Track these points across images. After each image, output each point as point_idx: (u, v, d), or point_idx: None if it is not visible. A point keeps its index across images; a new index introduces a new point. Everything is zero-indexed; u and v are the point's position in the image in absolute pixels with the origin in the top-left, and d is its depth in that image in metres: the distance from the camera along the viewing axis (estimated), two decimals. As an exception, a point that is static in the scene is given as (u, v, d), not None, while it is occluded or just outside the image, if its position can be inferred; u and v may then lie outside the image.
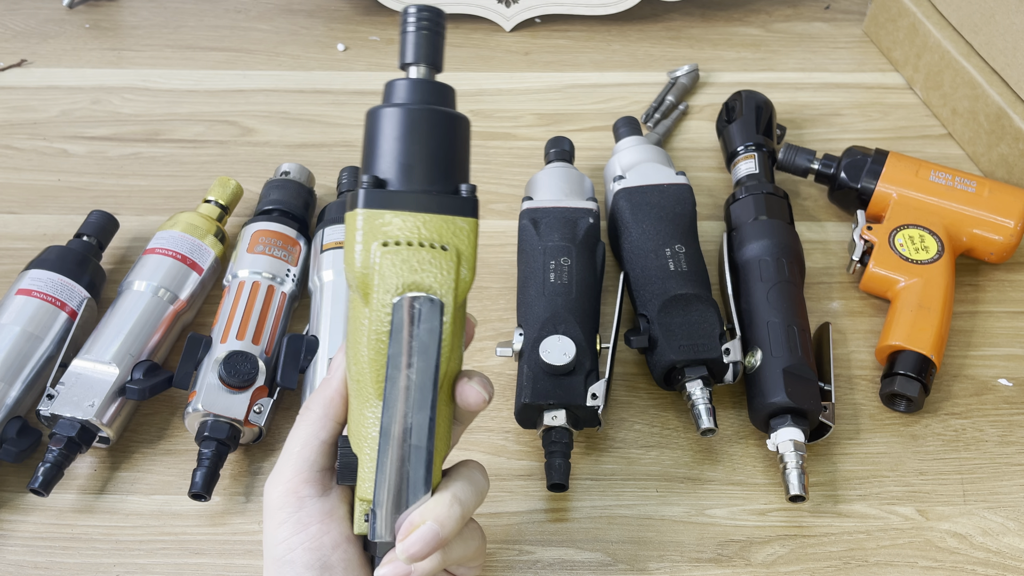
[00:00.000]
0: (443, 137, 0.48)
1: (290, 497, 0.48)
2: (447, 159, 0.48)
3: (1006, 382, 0.71)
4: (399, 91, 0.48)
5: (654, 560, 0.61)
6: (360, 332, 0.47)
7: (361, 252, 0.46)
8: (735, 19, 1.03)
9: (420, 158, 0.47)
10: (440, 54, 0.49)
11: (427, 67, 0.49)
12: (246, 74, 0.96)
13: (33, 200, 0.83)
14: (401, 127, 0.47)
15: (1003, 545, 0.62)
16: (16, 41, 0.99)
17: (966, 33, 0.87)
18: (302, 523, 0.48)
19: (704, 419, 0.63)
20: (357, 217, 0.46)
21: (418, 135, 0.47)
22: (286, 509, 0.48)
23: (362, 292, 0.46)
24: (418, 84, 0.48)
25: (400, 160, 0.47)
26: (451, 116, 0.49)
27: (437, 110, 0.48)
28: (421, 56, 0.48)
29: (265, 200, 0.77)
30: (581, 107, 0.93)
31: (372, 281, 0.46)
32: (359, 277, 0.46)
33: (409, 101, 0.48)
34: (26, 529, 0.63)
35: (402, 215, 0.46)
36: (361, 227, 0.46)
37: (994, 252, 0.75)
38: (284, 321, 0.71)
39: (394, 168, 0.47)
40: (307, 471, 0.48)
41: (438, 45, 0.49)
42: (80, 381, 0.64)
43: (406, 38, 0.49)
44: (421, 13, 0.48)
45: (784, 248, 0.71)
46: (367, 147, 0.48)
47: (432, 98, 0.48)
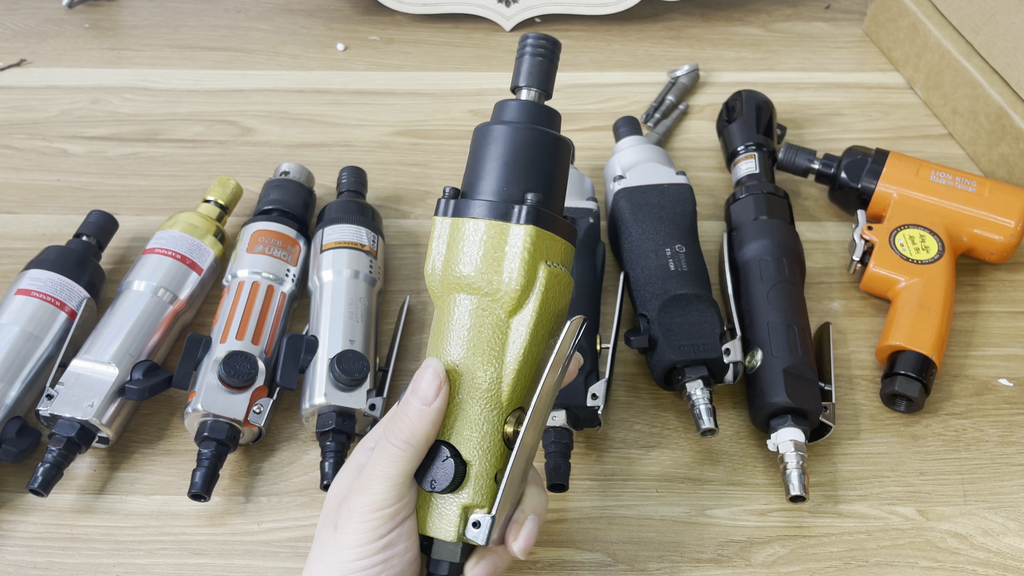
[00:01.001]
0: (521, 150, 0.51)
1: (378, 512, 0.48)
2: (516, 172, 0.51)
3: (1006, 382, 0.71)
4: (498, 111, 0.52)
5: (654, 560, 0.61)
6: (501, 343, 0.49)
7: (527, 270, 0.49)
8: (735, 19, 1.03)
9: (490, 169, 0.50)
10: (551, 81, 0.53)
11: (534, 90, 0.53)
12: (246, 74, 0.96)
13: (32, 200, 0.83)
14: (482, 142, 0.51)
15: (1003, 545, 0.62)
16: (15, 41, 0.99)
17: (966, 33, 0.87)
18: (390, 544, 0.48)
19: (704, 419, 0.63)
20: (523, 233, 0.49)
21: (495, 148, 0.51)
22: (377, 530, 0.48)
23: (514, 306, 0.49)
24: (519, 105, 0.52)
25: (473, 172, 0.51)
26: (539, 132, 0.51)
27: (520, 125, 0.51)
28: (531, 81, 0.52)
29: (265, 200, 0.77)
30: (581, 107, 0.93)
31: (532, 298, 0.49)
32: (516, 292, 0.49)
33: (510, 119, 0.52)
34: (26, 529, 0.63)
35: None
36: (529, 245, 0.49)
37: (994, 252, 0.75)
38: (284, 321, 0.71)
39: (469, 179, 0.51)
40: (395, 489, 0.48)
41: (550, 72, 0.53)
42: (79, 381, 0.64)
43: (521, 62, 0.53)
44: (539, 41, 0.53)
45: (784, 248, 0.71)
46: (510, 162, 0.50)
47: (535, 119, 0.52)
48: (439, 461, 0.48)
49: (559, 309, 0.51)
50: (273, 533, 0.63)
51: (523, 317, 0.49)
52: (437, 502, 0.49)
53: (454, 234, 0.50)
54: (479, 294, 0.49)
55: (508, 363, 0.49)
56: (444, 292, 0.50)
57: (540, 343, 0.50)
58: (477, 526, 0.49)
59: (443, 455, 0.48)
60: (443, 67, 0.97)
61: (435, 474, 0.48)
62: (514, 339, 0.49)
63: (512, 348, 0.49)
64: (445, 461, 0.48)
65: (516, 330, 0.49)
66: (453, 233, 0.50)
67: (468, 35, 1.00)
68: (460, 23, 1.01)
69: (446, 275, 0.50)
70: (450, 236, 0.50)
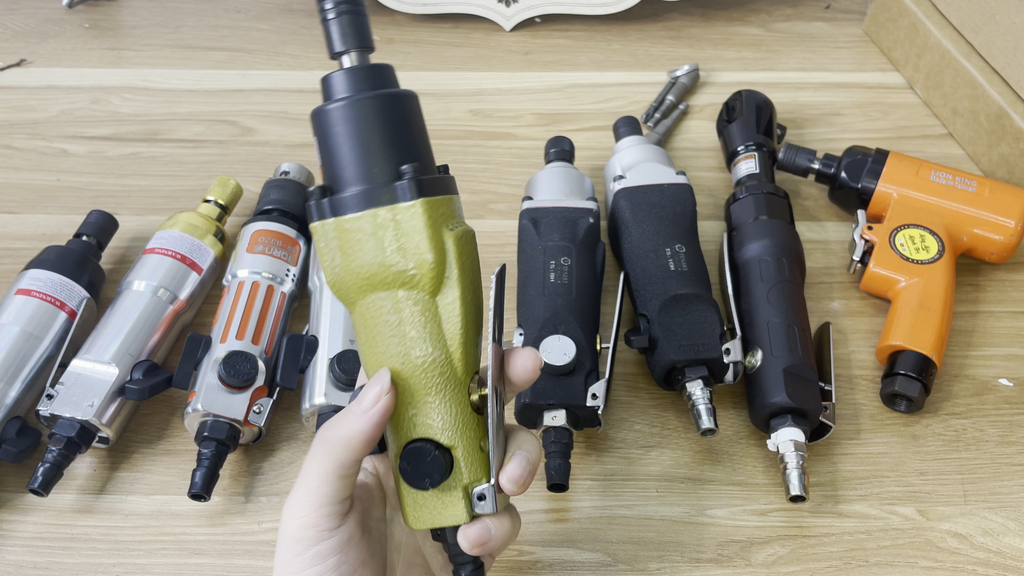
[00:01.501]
0: (368, 124, 0.47)
1: (309, 531, 0.47)
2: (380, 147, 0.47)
3: (1007, 382, 0.71)
4: (328, 87, 0.47)
5: (654, 560, 0.61)
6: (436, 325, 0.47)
7: (434, 244, 0.46)
8: (735, 19, 1.03)
9: (350, 155, 0.47)
10: (368, 34, 0.48)
11: (359, 52, 0.48)
12: (246, 74, 0.96)
13: (32, 200, 0.83)
14: (325, 128, 0.47)
15: (1004, 545, 0.62)
16: (15, 41, 0.99)
17: (967, 33, 0.87)
18: (321, 555, 0.47)
19: (704, 419, 0.63)
20: (416, 209, 0.46)
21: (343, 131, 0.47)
22: (304, 543, 0.47)
23: (435, 285, 0.46)
24: (339, 76, 0.47)
25: (336, 162, 0.47)
26: (377, 98, 0.47)
27: (359, 98, 0.47)
28: (350, 42, 0.47)
29: (265, 200, 0.77)
30: (581, 107, 0.93)
31: (448, 269, 0.47)
32: (432, 270, 0.46)
33: (332, 96, 0.47)
34: (26, 529, 0.63)
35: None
36: (426, 220, 0.46)
37: (994, 252, 0.75)
38: (284, 321, 0.71)
39: (334, 172, 0.47)
40: (327, 506, 0.47)
41: (364, 25, 0.48)
42: (79, 381, 0.64)
43: (328, 26, 0.47)
44: None
45: (784, 248, 0.71)
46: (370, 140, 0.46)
47: (361, 85, 0.47)
48: (425, 460, 0.47)
49: (475, 264, 0.49)
50: (273, 533, 0.63)
51: (448, 291, 0.47)
52: (439, 495, 0.49)
53: (343, 236, 0.46)
54: (395, 287, 0.47)
55: (451, 341, 0.47)
56: (357, 297, 0.47)
57: (471, 304, 0.48)
58: (482, 498, 0.49)
59: (426, 453, 0.47)
60: (443, 67, 0.97)
61: (427, 472, 0.48)
62: (447, 316, 0.47)
63: (449, 324, 0.47)
64: (430, 457, 0.47)
65: (446, 306, 0.47)
66: (341, 235, 0.46)
67: (468, 35, 1.00)
68: (460, 23, 1.01)
69: (352, 280, 0.47)
70: (339, 239, 0.46)
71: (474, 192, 0.84)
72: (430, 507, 0.49)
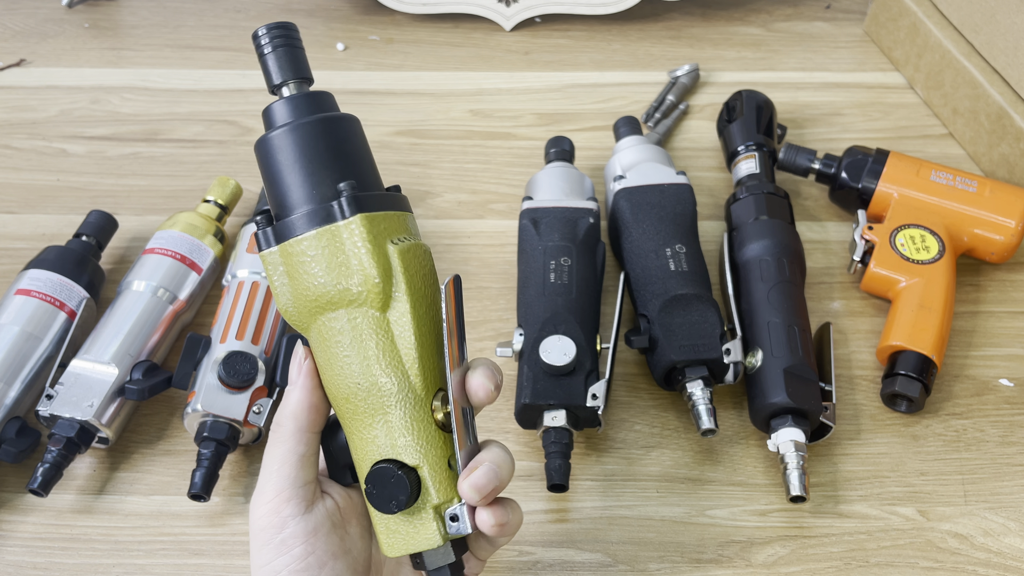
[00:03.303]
0: (302, 148, 0.48)
1: (272, 518, 0.47)
2: (315, 168, 0.48)
3: (1007, 382, 0.71)
4: (266, 118, 0.49)
5: (654, 561, 0.61)
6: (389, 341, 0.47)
7: (377, 259, 0.46)
8: (736, 18, 1.03)
9: (290, 179, 0.47)
10: (304, 65, 0.50)
11: (296, 83, 0.49)
12: (245, 74, 0.96)
13: (32, 200, 0.83)
14: (266, 156, 0.48)
15: (1004, 546, 0.62)
16: (15, 41, 0.99)
17: (967, 33, 0.87)
18: (286, 544, 0.47)
19: (705, 419, 0.63)
20: (354, 226, 0.46)
21: (278, 158, 0.48)
22: (268, 531, 0.47)
23: (383, 300, 0.47)
24: (277, 107, 0.49)
25: (275, 189, 0.48)
26: (308, 124, 0.48)
27: (292, 126, 0.48)
28: (286, 74, 0.49)
29: (264, 200, 0.77)
30: (581, 107, 0.93)
31: (396, 283, 0.47)
32: (378, 285, 0.46)
33: (272, 126, 0.48)
34: (25, 530, 0.63)
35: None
36: (365, 235, 0.46)
37: (995, 252, 0.75)
38: (283, 321, 0.71)
39: (275, 198, 0.48)
40: (288, 489, 0.48)
41: (300, 58, 0.50)
42: (79, 381, 0.64)
43: (266, 61, 0.49)
44: (272, 32, 0.49)
45: (785, 248, 0.71)
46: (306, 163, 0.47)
47: (295, 114, 0.48)
48: (389, 481, 0.46)
49: (427, 278, 0.49)
50: (273, 533, 0.62)
51: (398, 306, 0.47)
52: (409, 518, 0.48)
53: (288, 260, 0.47)
54: (343, 306, 0.47)
55: (406, 357, 0.47)
56: (309, 321, 0.48)
57: (426, 319, 0.48)
58: (456, 519, 0.48)
59: (390, 474, 0.46)
60: (443, 67, 0.96)
61: (392, 494, 0.46)
62: (400, 332, 0.47)
63: (403, 341, 0.47)
64: (394, 478, 0.46)
65: (398, 322, 0.47)
66: (287, 260, 0.47)
67: (468, 35, 1.00)
68: (460, 23, 1.01)
69: (303, 302, 0.47)
70: (286, 264, 0.47)
71: (474, 192, 0.84)
72: (403, 532, 0.48)
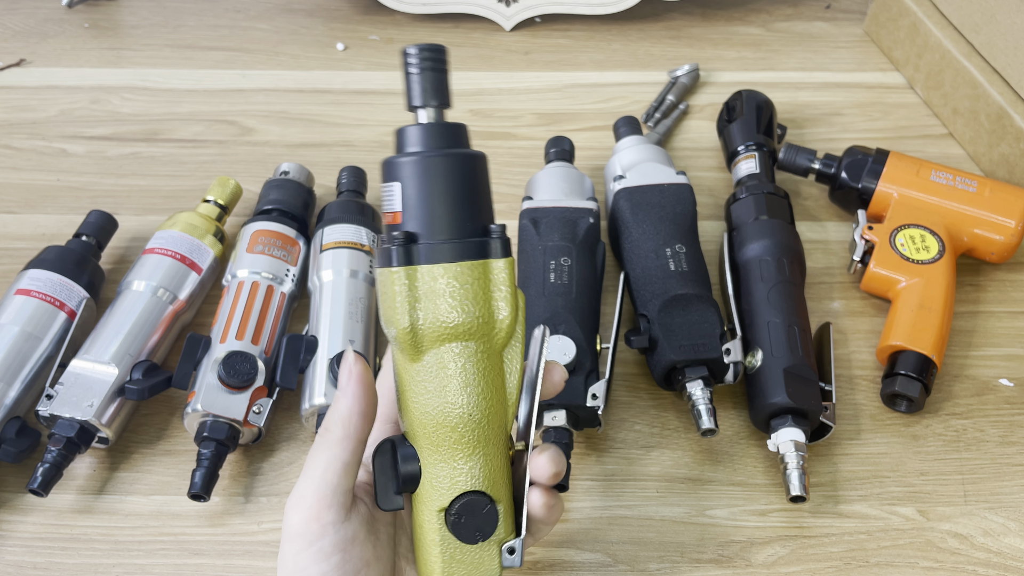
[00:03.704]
0: (465, 181, 0.47)
1: (312, 524, 0.47)
2: (472, 203, 0.47)
3: (1007, 382, 0.71)
4: (413, 138, 0.48)
5: (654, 561, 0.61)
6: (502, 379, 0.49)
7: (513, 302, 0.48)
8: (735, 18, 1.03)
9: (446, 206, 0.47)
10: (448, 91, 0.48)
11: (436, 109, 0.48)
12: (245, 74, 0.96)
13: (32, 200, 0.83)
14: (423, 177, 0.47)
15: (1004, 546, 0.62)
16: (15, 40, 0.99)
17: (967, 32, 0.87)
18: (324, 552, 0.47)
19: (705, 419, 0.63)
20: (504, 266, 0.48)
21: (439, 183, 0.47)
22: (307, 537, 0.47)
23: (506, 340, 0.48)
24: (432, 128, 0.48)
25: (428, 211, 0.47)
26: (470, 157, 0.48)
27: (455, 154, 0.47)
28: (430, 97, 0.48)
29: (264, 200, 0.77)
30: (581, 107, 0.93)
31: (518, 327, 0.49)
32: (510, 326, 0.48)
33: (425, 148, 0.47)
34: (25, 529, 0.63)
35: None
36: (511, 278, 0.48)
37: (995, 252, 0.75)
38: (283, 321, 0.71)
39: (423, 220, 0.47)
40: (330, 495, 0.47)
41: (444, 83, 0.48)
42: (79, 381, 0.64)
43: (410, 80, 0.48)
44: (424, 53, 0.48)
45: (785, 248, 0.71)
46: (462, 196, 0.47)
47: (447, 141, 0.48)
48: (480, 512, 0.48)
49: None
50: (273, 533, 0.62)
51: (515, 346, 0.49)
52: (479, 550, 0.49)
53: (431, 283, 0.46)
54: (475, 338, 0.47)
55: (511, 394, 0.49)
56: (431, 346, 0.47)
57: (523, 362, 0.50)
58: (512, 552, 0.49)
59: (482, 506, 0.48)
60: (443, 67, 0.96)
61: (480, 526, 0.48)
62: (510, 370, 0.49)
63: (511, 379, 0.49)
64: (486, 510, 0.48)
65: (510, 361, 0.49)
66: (430, 281, 0.46)
67: (468, 35, 1.00)
68: (460, 23, 1.01)
69: (435, 326, 0.46)
70: (425, 285, 0.46)
71: (474, 192, 0.84)
72: (466, 562, 0.49)
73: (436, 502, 0.48)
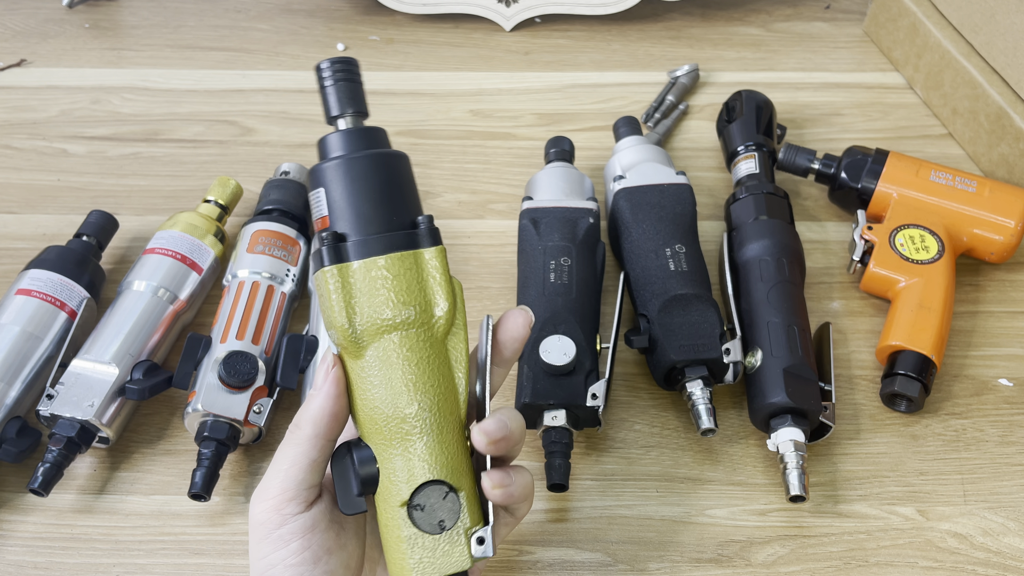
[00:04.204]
0: (387, 178, 0.49)
1: (273, 515, 0.48)
2: (396, 198, 0.49)
3: (1007, 382, 0.71)
4: (333, 145, 0.50)
5: (654, 560, 0.61)
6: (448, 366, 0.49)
7: (448, 289, 0.49)
8: (735, 19, 1.03)
9: (371, 203, 0.48)
10: (363, 100, 0.51)
11: (353, 116, 0.50)
12: (246, 74, 0.96)
13: (33, 200, 0.83)
14: (346, 178, 0.49)
15: (1004, 545, 0.62)
16: (16, 41, 0.99)
17: (966, 33, 0.87)
18: (283, 539, 0.48)
19: (704, 419, 0.63)
20: (435, 255, 0.48)
21: (361, 181, 0.48)
22: (267, 526, 0.48)
23: (447, 328, 0.49)
24: (350, 134, 0.50)
25: (354, 210, 0.48)
26: (390, 156, 0.50)
27: (374, 154, 0.49)
28: (346, 106, 0.50)
29: (265, 200, 0.77)
30: (581, 107, 0.93)
31: (457, 314, 0.49)
32: (448, 313, 0.49)
33: (345, 152, 0.49)
34: (26, 529, 0.63)
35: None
36: (442, 265, 0.49)
37: (995, 252, 0.75)
38: (284, 321, 0.71)
39: (350, 219, 0.48)
40: (292, 489, 0.48)
41: (359, 93, 0.51)
42: (80, 381, 0.64)
43: (326, 93, 0.50)
44: (336, 66, 0.50)
45: (784, 248, 0.71)
46: (387, 191, 0.49)
47: (366, 143, 0.49)
48: (441, 501, 0.48)
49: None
50: (273, 533, 0.62)
51: (459, 333, 0.49)
52: (444, 541, 0.48)
53: (364, 278, 0.47)
54: (414, 327, 0.48)
55: (459, 381, 0.49)
56: (370, 339, 0.48)
57: (468, 350, 0.50)
58: (482, 541, 0.48)
59: (442, 494, 0.48)
60: (443, 67, 0.97)
61: (441, 515, 0.48)
62: (456, 357, 0.49)
63: (458, 367, 0.49)
64: (447, 497, 0.48)
65: (454, 348, 0.49)
66: (362, 277, 0.47)
67: (468, 35, 1.00)
68: (460, 23, 1.01)
69: (371, 321, 0.47)
70: (358, 281, 0.47)
71: (474, 192, 0.84)
72: (436, 556, 0.48)
73: (396, 497, 0.48)
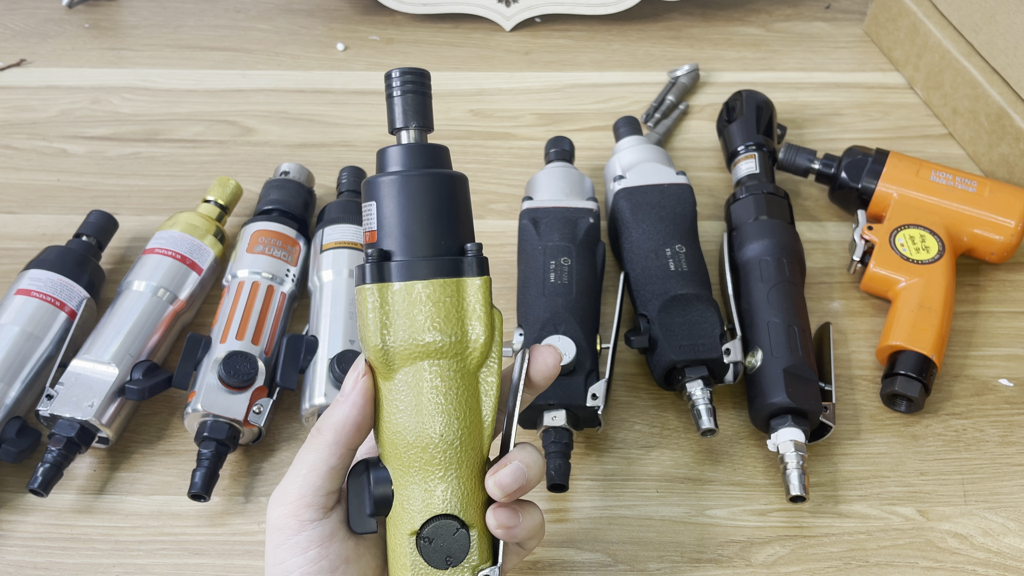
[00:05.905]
0: (442, 200, 0.48)
1: (291, 520, 0.48)
2: (448, 222, 0.48)
3: (1007, 382, 0.71)
4: (392, 158, 0.48)
5: (654, 561, 0.61)
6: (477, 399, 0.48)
7: (488, 321, 0.47)
8: (735, 19, 1.03)
9: (422, 224, 0.47)
10: (429, 114, 0.49)
11: (417, 130, 0.49)
12: (246, 74, 0.96)
13: (32, 200, 0.83)
14: (399, 195, 0.47)
15: (1004, 545, 0.62)
16: (15, 41, 0.99)
17: (967, 33, 0.87)
18: (300, 546, 0.47)
19: (704, 419, 0.63)
20: (479, 285, 0.47)
21: (414, 201, 0.47)
22: (285, 531, 0.48)
23: (481, 360, 0.48)
24: (411, 149, 0.48)
25: (403, 229, 0.47)
26: (448, 177, 0.48)
27: (432, 174, 0.48)
28: (411, 119, 0.49)
29: (265, 200, 0.77)
30: (581, 107, 0.93)
31: (494, 346, 0.48)
32: (485, 345, 0.47)
33: (403, 168, 0.48)
34: (25, 529, 0.63)
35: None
36: (485, 297, 0.47)
37: (995, 252, 0.75)
38: (284, 321, 0.71)
39: (398, 238, 0.47)
40: (311, 495, 0.48)
41: (426, 106, 0.49)
42: (79, 381, 0.64)
43: (392, 103, 0.49)
44: (406, 76, 0.49)
45: (784, 248, 0.71)
46: (439, 214, 0.48)
47: (426, 161, 0.48)
48: (450, 536, 0.47)
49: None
50: (273, 533, 0.62)
51: (489, 367, 0.48)
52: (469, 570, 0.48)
53: (405, 300, 0.46)
54: (448, 356, 0.47)
55: (486, 416, 0.48)
56: (403, 364, 0.47)
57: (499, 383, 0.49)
58: None
59: (452, 530, 0.47)
60: (443, 67, 0.97)
61: (449, 550, 0.47)
62: (486, 391, 0.48)
63: (487, 401, 0.48)
64: (456, 533, 0.47)
65: (485, 382, 0.48)
66: (403, 299, 0.46)
67: (468, 35, 1.00)
68: (460, 23, 1.01)
69: (407, 344, 0.46)
70: (398, 303, 0.46)
71: (474, 192, 0.83)
72: None
73: (407, 525, 0.47)
